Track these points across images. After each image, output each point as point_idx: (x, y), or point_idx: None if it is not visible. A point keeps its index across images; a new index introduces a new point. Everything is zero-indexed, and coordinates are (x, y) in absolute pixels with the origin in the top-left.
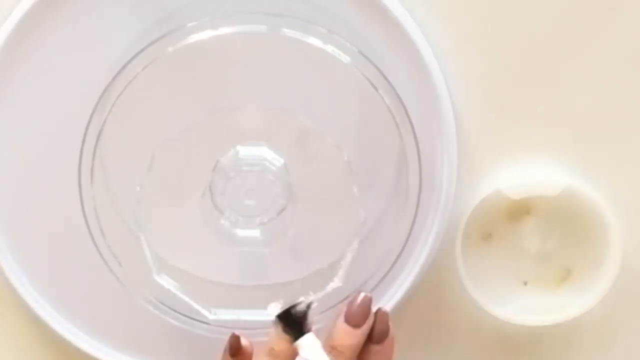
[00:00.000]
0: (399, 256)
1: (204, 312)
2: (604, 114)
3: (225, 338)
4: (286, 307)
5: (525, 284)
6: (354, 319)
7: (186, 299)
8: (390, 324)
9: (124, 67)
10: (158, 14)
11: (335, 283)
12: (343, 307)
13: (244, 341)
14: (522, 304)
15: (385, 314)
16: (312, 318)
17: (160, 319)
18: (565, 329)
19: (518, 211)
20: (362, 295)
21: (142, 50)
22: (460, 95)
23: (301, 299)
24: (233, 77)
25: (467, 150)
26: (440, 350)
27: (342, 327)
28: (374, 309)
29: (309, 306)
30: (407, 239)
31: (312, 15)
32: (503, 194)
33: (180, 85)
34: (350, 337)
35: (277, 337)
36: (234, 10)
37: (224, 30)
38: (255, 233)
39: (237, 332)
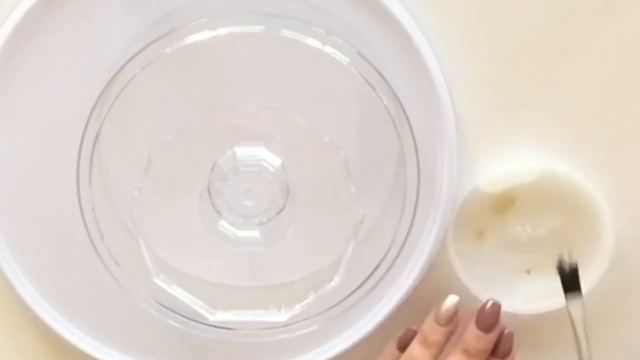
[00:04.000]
0: (397, 255)
1: (204, 313)
2: (604, 113)
3: (225, 338)
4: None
5: (528, 272)
6: (484, 324)
7: (185, 300)
8: (514, 345)
9: (122, 67)
10: (156, 15)
11: (335, 282)
12: (473, 314)
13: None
14: (529, 292)
15: (511, 334)
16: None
17: (160, 319)
18: None
19: (503, 204)
20: (490, 302)
21: (140, 51)
22: (460, 95)
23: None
24: (231, 77)
25: (466, 149)
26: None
27: (474, 331)
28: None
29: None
30: (406, 238)
31: (310, 15)
32: (482, 191)
33: (178, 86)
34: (481, 341)
35: (431, 328)
36: (232, 10)
37: (222, 31)
38: (255, 233)
39: (414, 327)
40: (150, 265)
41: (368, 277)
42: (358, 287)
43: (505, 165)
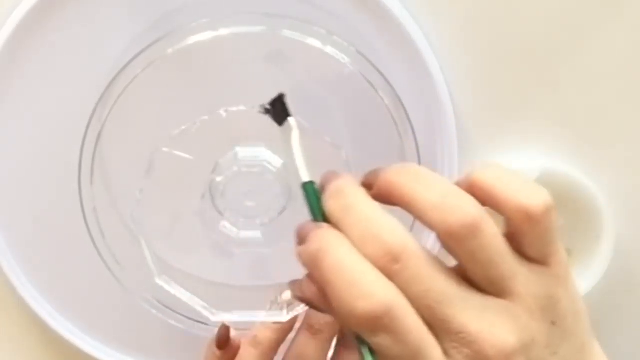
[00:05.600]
0: None
1: (205, 313)
2: (605, 113)
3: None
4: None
5: None
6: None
7: (187, 300)
8: None
9: (123, 68)
10: (157, 15)
11: None
12: None
13: (233, 333)
14: None
15: None
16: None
17: (161, 319)
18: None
19: None
20: None
21: (142, 51)
22: (460, 95)
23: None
24: (232, 78)
25: (467, 150)
26: None
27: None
28: None
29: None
30: None
31: (311, 15)
32: None
33: (180, 87)
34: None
35: (260, 326)
36: (233, 11)
37: (224, 31)
38: (256, 234)
39: (227, 324)
40: (152, 266)
41: None
42: None
43: (506, 165)
